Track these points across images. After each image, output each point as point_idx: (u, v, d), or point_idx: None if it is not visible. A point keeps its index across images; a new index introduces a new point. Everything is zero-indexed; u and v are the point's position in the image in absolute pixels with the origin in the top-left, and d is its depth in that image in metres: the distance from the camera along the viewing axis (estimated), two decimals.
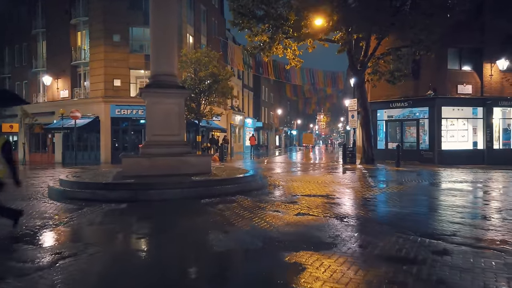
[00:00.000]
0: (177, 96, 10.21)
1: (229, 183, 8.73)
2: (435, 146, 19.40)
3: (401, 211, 6.68)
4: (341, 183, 10.77)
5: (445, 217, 6.03)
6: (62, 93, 25.86)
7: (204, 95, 21.69)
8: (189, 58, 21.10)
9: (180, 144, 10.12)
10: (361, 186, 10.22)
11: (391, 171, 15.29)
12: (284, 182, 10.72)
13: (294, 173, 14.02)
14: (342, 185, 10.17)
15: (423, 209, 7.00)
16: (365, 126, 17.74)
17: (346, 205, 7.29)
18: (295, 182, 10.74)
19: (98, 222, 5.83)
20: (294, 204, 7.21)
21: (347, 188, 9.59)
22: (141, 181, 8.49)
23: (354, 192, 9.02)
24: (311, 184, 10.34)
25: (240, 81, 38.34)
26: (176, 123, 10.14)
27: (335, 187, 9.81)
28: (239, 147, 37.91)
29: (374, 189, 9.68)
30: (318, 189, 9.34)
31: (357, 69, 17.16)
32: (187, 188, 8.13)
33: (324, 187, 9.82)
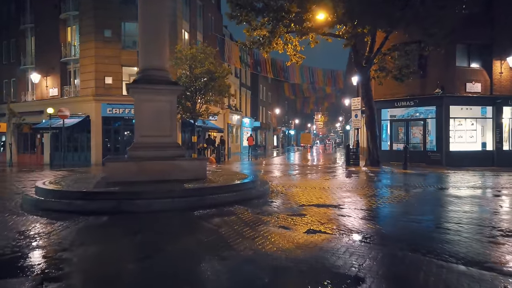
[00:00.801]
0: (169, 93, 9.18)
1: (226, 191, 7.70)
2: (443, 147, 18.47)
3: (426, 226, 5.68)
4: (349, 189, 9.77)
5: (481, 235, 5.04)
6: (51, 91, 24.72)
7: (200, 93, 20.64)
8: (184, 54, 20.04)
9: (172, 146, 9.09)
10: (372, 193, 9.23)
11: (399, 175, 14.34)
12: (286, 188, 9.72)
13: (296, 177, 13.02)
14: (351, 192, 9.17)
15: (450, 224, 6.00)
16: (370, 126, 16.77)
17: (361, 219, 6.28)
18: (299, 188, 9.73)
19: (65, 245, 4.77)
20: (301, 217, 6.20)
21: (357, 196, 8.59)
22: (126, 189, 7.45)
23: (365, 200, 8.02)
24: (317, 191, 9.34)
25: (238, 80, 37.31)
26: (167, 122, 9.12)
27: (343, 194, 8.81)
28: (236, 148, 36.88)
29: (387, 196, 8.69)
30: (325, 197, 8.33)
31: (362, 65, 16.18)
32: (178, 197, 7.09)
33: (331, 194, 8.82)
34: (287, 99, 66.84)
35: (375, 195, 8.77)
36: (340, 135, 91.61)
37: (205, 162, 9.10)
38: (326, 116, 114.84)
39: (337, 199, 8.04)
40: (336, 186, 10.27)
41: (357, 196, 8.59)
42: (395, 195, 8.83)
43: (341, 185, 10.49)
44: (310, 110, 77.52)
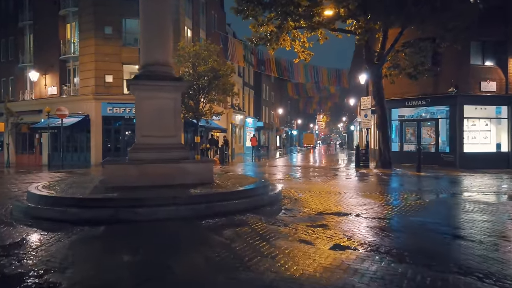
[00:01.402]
0: (172, 90, 8.47)
1: (236, 198, 7.00)
2: (457, 149, 17.74)
3: (468, 242, 4.94)
4: (366, 193, 9.05)
5: None
6: (50, 90, 24.06)
7: (203, 92, 19.94)
8: (187, 51, 19.35)
9: (175, 148, 8.39)
10: (391, 198, 8.51)
11: (414, 178, 13.61)
12: (299, 193, 9.00)
13: (306, 180, 12.30)
14: (368, 197, 8.45)
15: (493, 239, 5.27)
16: (381, 127, 16.05)
17: (391, 231, 5.56)
18: (312, 193, 9.02)
19: (54, 263, 4.06)
20: (323, 229, 5.49)
21: (377, 202, 7.87)
22: (126, 195, 6.75)
23: (388, 208, 7.30)
24: (332, 196, 8.63)
25: (241, 79, 36.60)
26: (171, 122, 8.41)
27: (361, 200, 8.09)
28: (239, 148, 36.18)
29: (409, 203, 7.97)
30: (343, 203, 7.62)
31: (374, 63, 15.46)
32: (183, 204, 6.40)
33: (348, 199, 8.10)
34: (290, 99, 66.09)
35: (395, 202, 8.05)
36: (343, 135, 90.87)
37: (212, 165, 8.40)
38: (328, 116, 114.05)
39: (356, 206, 7.32)
40: (351, 191, 9.56)
41: (377, 202, 7.86)
42: (418, 202, 8.12)
43: (356, 190, 9.78)
44: (313, 110, 76.75)
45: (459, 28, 12.69)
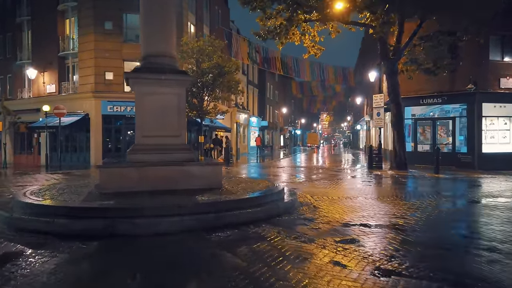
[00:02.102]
0: (177, 84, 7.61)
1: (249, 206, 6.13)
2: (475, 149, 16.80)
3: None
4: (389, 199, 8.16)
5: None
6: (48, 88, 23.26)
7: (207, 89, 19.09)
8: (190, 47, 18.50)
9: (180, 149, 7.53)
10: (420, 204, 7.61)
11: (434, 180, 12.70)
12: (316, 199, 8.13)
13: (319, 183, 11.41)
14: (394, 204, 7.56)
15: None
16: (397, 126, 15.14)
17: (438, 248, 4.67)
18: (330, 198, 8.14)
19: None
20: (356, 245, 4.63)
21: (405, 209, 6.97)
22: (123, 203, 5.90)
23: (421, 216, 6.40)
24: (353, 202, 7.75)
25: (245, 77, 35.72)
26: (174, 120, 7.56)
27: (387, 207, 7.20)
28: (243, 148, 35.31)
29: (442, 210, 7.09)
30: (368, 211, 6.73)
31: (389, 57, 14.54)
32: (189, 214, 5.54)
33: (373, 207, 7.21)
34: (294, 98, 65.19)
35: (425, 210, 7.15)
36: (347, 135, 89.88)
37: (221, 168, 7.53)
38: (331, 115, 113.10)
39: (383, 215, 6.44)
40: (371, 196, 8.67)
41: (403, 210, 6.97)
42: (450, 210, 7.22)
43: (376, 194, 8.88)
44: (317, 110, 75.80)
45: (484, 19, 11.77)
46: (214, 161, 7.75)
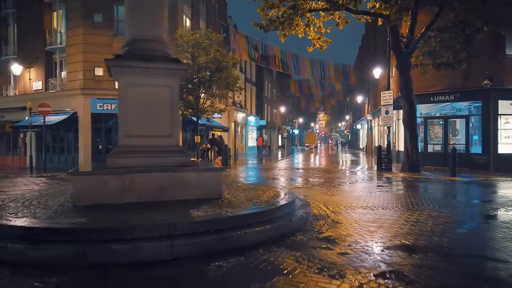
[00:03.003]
0: (169, 74, 6.42)
1: (257, 222, 4.96)
2: (491, 149, 15.72)
3: None
4: (419, 209, 7.00)
5: None
6: (35, 85, 21.89)
7: (204, 86, 17.86)
8: (186, 40, 17.25)
9: (172, 151, 6.33)
10: (455, 216, 6.46)
11: (453, 184, 11.59)
12: (331, 209, 6.96)
13: (329, 188, 10.23)
14: (431, 217, 6.39)
15: None
16: (409, 125, 14.04)
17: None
18: (349, 209, 6.97)
19: None
20: (407, 285, 3.45)
21: (448, 223, 5.81)
22: (98, 221, 4.69)
23: (468, 235, 5.25)
24: (376, 213, 6.59)
25: (243, 75, 34.48)
26: (166, 117, 6.37)
27: (424, 221, 6.03)
28: (241, 149, 34.08)
29: (482, 222, 5.94)
30: (403, 227, 5.56)
31: (402, 50, 13.40)
32: (182, 236, 4.35)
33: (405, 221, 6.04)
34: (291, 97, 64.06)
35: (469, 222, 6.00)
36: (344, 134, 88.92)
37: (220, 174, 6.32)
38: (328, 115, 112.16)
39: (425, 234, 5.27)
40: (394, 205, 7.51)
41: (445, 224, 5.81)
42: (494, 224, 6.06)
43: (400, 203, 7.72)
44: (315, 109, 74.69)
45: None
46: (213, 166, 6.54)
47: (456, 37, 12.47)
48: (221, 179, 6.36)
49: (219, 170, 6.31)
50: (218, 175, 6.25)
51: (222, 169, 6.40)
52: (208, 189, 6.10)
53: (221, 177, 6.34)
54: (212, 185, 6.16)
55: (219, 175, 6.28)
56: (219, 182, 6.26)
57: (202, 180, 6.13)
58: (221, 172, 6.35)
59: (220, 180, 6.29)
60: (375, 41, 31.71)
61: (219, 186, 6.24)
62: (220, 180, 6.33)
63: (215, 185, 6.18)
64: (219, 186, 6.24)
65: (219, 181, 6.28)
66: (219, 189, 6.22)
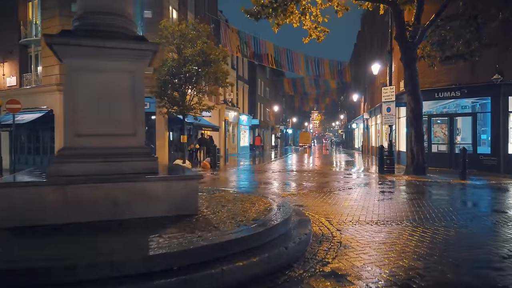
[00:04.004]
0: (132, 57, 5.05)
1: (240, 254, 3.61)
2: (500, 150, 14.56)
3: None
4: (440, 223, 5.72)
5: None
6: (8, 81, 20.29)
7: (191, 81, 16.47)
8: (171, 31, 15.84)
9: (135, 154, 4.96)
10: (498, 228, 5.19)
11: (467, 189, 10.39)
12: (335, 225, 5.66)
13: (329, 196, 8.93)
14: (461, 235, 5.12)
15: None
16: (414, 123, 12.81)
17: None
18: (355, 222, 5.67)
19: None
20: None
21: (486, 245, 4.53)
22: (14, 256, 3.31)
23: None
24: (391, 230, 5.29)
25: (234, 72, 33.11)
26: (127, 111, 5.02)
27: (453, 241, 4.74)
28: (233, 149, 32.71)
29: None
30: (431, 252, 4.25)
31: (407, 41, 12.16)
32: (131, 279, 2.99)
33: (424, 242, 4.74)
34: (285, 95, 62.80)
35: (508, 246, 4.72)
36: (338, 134, 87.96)
37: (196, 184, 4.96)
38: (322, 114, 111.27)
39: (467, 259, 3.97)
40: (411, 217, 6.23)
41: (481, 244, 4.52)
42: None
43: (416, 215, 6.44)
44: (308, 108, 73.49)
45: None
46: (187, 173, 5.13)
47: (467, 26, 11.25)
48: (196, 190, 4.99)
49: (194, 178, 4.94)
50: (193, 185, 4.89)
51: (198, 177, 5.02)
52: (180, 203, 4.75)
53: (197, 187, 4.99)
54: (185, 198, 4.80)
55: (195, 185, 4.92)
56: (194, 194, 4.90)
57: (172, 191, 4.76)
58: (197, 181, 4.98)
59: (195, 191, 4.93)
60: (371, 37, 30.59)
61: (193, 199, 4.88)
62: (196, 191, 4.97)
63: (188, 198, 4.82)
64: (193, 199, 4.88)
65: (194, 192, 4.92)
66: (193, 203, 4.86)
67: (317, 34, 13.03)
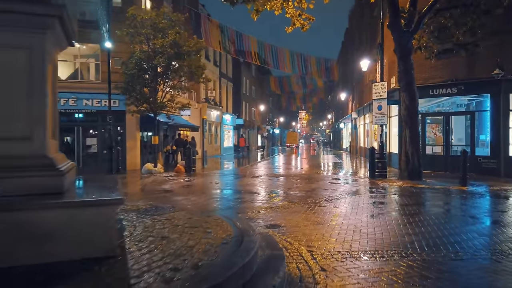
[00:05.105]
0: (23, 26, 3.45)
1: None
2: (501, 152, 13.35)
3: None
4: (461, 250, 4.31)
5: None
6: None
7: (162, 76, 14.84)
8: (139, 20, 14.19)
9: (28, 167, 3.37)
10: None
11: (472, 197, 9.05)
12: (319, 261, 4.17)
13: (312, 210, 7.48)
14: (500, 273, 3.70)
15: None
16: (409, 122, 11.49)
17: None
18: (344, 252, 4.19)
19: None
20: None
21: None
22: None
23: None
24: (393, 269, 3.83)
25: (217, 69, 31.49)
26: (18, 105, 3.46)
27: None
28: (215, 150, 31.09)
29: None
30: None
31: (402, 30, 10.80)
32: None
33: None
34: (272, 95, 61.35)
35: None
36: (326, 134, 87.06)
37: (112, 211, 3.40)
38: (310, 114, 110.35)
39: None
40: (417, 242, 4.80)
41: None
42: None
43: (425, 238, 5.02)
44: (296, 107, 72.20)
45: None
46: (102, 196, 3.45)
47: (468, 13, 9.96)
48: (115, 219, 3.45)
49: (110, 203, 3.37)
50: (108, 214, 3.33)
51: (115, 201, 3.45)
52: (88, 241, 3.19)
53: (114, 216, 3.43)
54: (97, 233, 3.24)
55: (111, 213, 3.35)
56: (109, 227, 3.33)
57: (77, 224, 3.20)
58: (114, 208, 3.42)
59: (112, 222, 3.37)
60: (359, 34, 29.42)
61: (109, 234, 3.32)
62: (113, 221, 3.42)
63: (101, 233, 3.26)
64: (109, 233, 3.32)
65: (110, 224, 3.36)
66: (109, 240, 3.30)
67: (301, 23, 11.56)
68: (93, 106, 16.56)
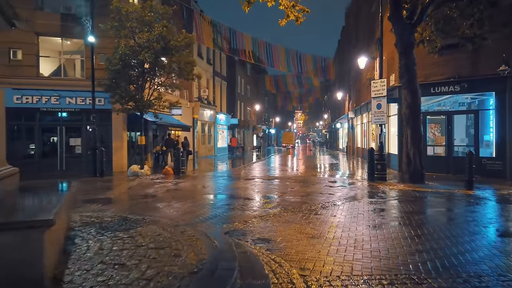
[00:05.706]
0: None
1: None
2: (507, 153, 12.64)
3: None
4: (485, 279, 3.54)
5: None
6: None
7: (149, 73, 14.01)
8: (124, 13, 13.35)
9: None
10: None
11: (482, 203, 8.31)
12: (311, 287, 3.37)
13: (307, 219, 6.71)
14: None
15: None
16: (411, 121, 10.75)
17: None
18: (343, 276, 3.42)
19: None
20: None
21: None
22: None
23: None
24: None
25: (211, 67, 30.65)
26: None
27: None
28: (209, 150, 30.25)
29: None
30: None
31: (404, 22, 10.05)
32: None
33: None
34: (267, 94, 60.59)
35: None
36: (322, 134, 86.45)
37: (39, 234, 2.61)
38: (306, 114, 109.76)
39: None
40: (431, 263, 4.03)
41: None
42: None
43: (438, 257, 4.25)
44: (292, 107, 71.44)
45: None
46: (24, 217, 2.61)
47: (475, 4, 9.23)
48: (42, 245, 2.63)
49: (36, 226, 2.56)
50: (34, 237, 2.52)
51: (42, 223, 2.64)
52: (8, 274, 2.38)
53: (41, 240, 2.62)
54: (20, 262, 2.44)
55: (37, 237, 2.54)
56: (35, 253, 2.53)
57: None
58: (41, 230, 2.60)
59: (39, 251, 2.56)
60: (356, 32, 28.74)
61: (35, 262, 2.51)
62: (40, 246, 2.60)
63: (25, 262, 2.46)
64: (35, 261, 2.52)
65: (37, 249, 2.55)
66: (35, 269, 2.49)
67: (295, 15, 10.74)
68: (77, 104, 15.68)
